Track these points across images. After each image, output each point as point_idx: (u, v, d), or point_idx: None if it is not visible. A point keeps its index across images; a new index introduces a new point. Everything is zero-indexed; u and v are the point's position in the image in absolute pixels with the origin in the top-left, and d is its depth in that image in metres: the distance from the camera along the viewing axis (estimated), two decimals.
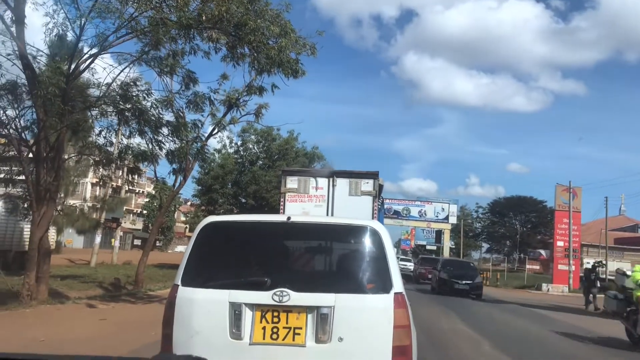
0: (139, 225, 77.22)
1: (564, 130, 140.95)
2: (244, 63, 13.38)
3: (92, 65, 12.26)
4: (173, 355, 3.25)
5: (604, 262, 47.84)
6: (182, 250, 49.37)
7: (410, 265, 50.41)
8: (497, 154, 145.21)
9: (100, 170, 17.60)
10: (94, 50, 11.94)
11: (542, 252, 65.92)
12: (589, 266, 25.40)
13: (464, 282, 24.82)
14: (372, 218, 12.12)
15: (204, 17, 11.38)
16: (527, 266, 51.03)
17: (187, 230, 64.31)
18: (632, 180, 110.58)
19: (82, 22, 11.25)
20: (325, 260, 4.48)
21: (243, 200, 33.72)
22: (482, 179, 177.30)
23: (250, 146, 34.84)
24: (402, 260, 52.24)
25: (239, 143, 34.64)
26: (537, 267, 56.36)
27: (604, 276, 44.60)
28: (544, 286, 36.26)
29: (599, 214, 54.59)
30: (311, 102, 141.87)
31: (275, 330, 3.56)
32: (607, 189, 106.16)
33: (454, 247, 72.73)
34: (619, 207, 71.33)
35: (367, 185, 13.22)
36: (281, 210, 13.52)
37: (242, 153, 34.93)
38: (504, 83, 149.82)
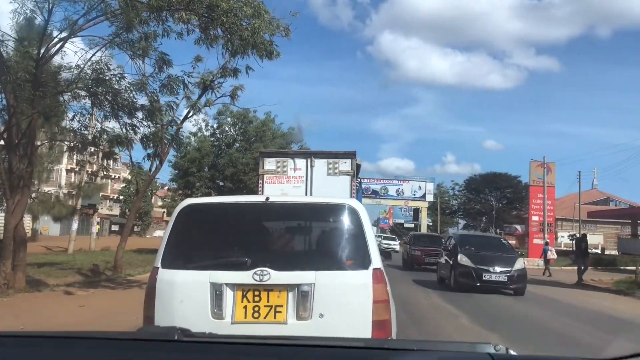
0: (116, 211, 76.44)
1: (539, 107, 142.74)
2: (217, 45, 13.24)
3: (63, 50, 12.03)
4: (157, 327, 3.31)
5: (578, 234, 49.08)
6: (160, 234, 49.11)
7: (395, 245, 49.29)
8: (473, 131, 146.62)
9: (75, 155, 17.36)
10: (64, 34, 11.71)
11: (518, 227, 67.25)
12: (578, 236, 24.09)
13: (499, 270, 15.48)
14: (351, 197, 12.18)
15: None
16: None
17: (165, 214, 63.90)
18: (604, 155, 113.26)
19: (50, 5, 11.01)
20: (305, 239, 4.54)
21: (221, 183, 33.58)
22: (458, 156, 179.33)
23: (227, 129, 34.61)
24: (385, 239, 51.27)
25: (215, 126, 34.39)
26: (514, 242, 57.40)
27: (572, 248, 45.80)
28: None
29: (572, 188, 55.88)
30: (288, 83, 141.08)
31: (256, 309, 3.63)
32: (580, 163, 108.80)
33: (431, 224, 73.66)
34: (592, 181, 72.94)
35: (345, 165, 13.31)
36: (259, 192, 13.54)
37: (218, 136, 34.67)
38: (479, 61, 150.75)
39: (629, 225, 53.72)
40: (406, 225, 75.11)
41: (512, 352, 1.49)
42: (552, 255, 28.09)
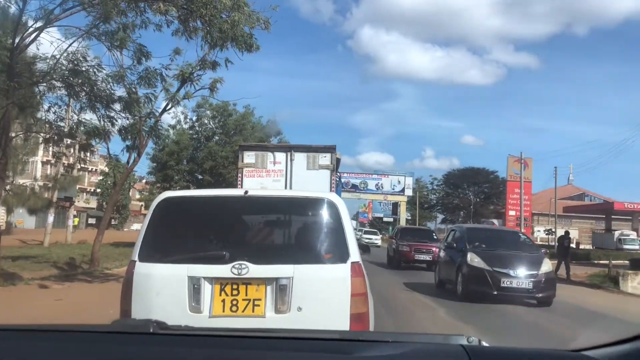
0: (93, 204, 75.54)
1: (517, 103, 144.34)
2: (196, 37, 13.14)
3: (38, 40, 11.82)
4: (133, 319, 3.30)
5: (554, 229, 49.88)
6: (138, 228, 48.52)
7: (377, 239, 48.62)
8: (452, 126, 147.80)
9: (51, 147, 17.09)
10: (39, 24, 11.50)
11: (495, 221, 67.90)
12: (562, 233, 24.25)
13: (522, 274, 11.93)
14: (330, 191, 12.19)
15: None
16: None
17: (143, 208, 63.29)
18: (580, 150, 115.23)
19: None
20: (284, 232, 4.55)
21: (199, 177, 33.32)
22: (437, 151, 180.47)
23: (206, 121, 34.30)
24: (366, 233, 50.51)
25: (194, 119, 34.08)
26: None
27: (554, 243, 46.54)
28: None
29: (548, 183, 56.67)
30: (268, 76, 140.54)
31: (234, 302, 3.64)
32: (556, 159, 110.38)
33: (410, 218, 74.14)
34: (568, 176, 74.04)
35: (325, 159, 13.32)
36: (239, 185, 13.46)
37: (197, 129, 34.37)
38: (458, 56, 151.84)
39: (603, 220, 54.84)
40: (385, 219, 75.64)
41: (485, 344, 1.53)
42: None
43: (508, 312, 11.07)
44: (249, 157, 13.68)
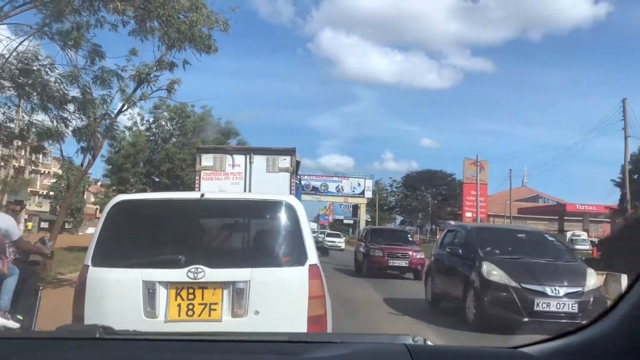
0: (46, 207, 73.29)
1: (473, 106, 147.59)
2: (153, 37, 12.95)
3: None
4: (79, 325, 3.22)
5: None
6: (93, 232, 47.10)
7: (341, 242, 46.22)
8: (411, 130, 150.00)
9: (0, 149, 16.52)
10: None
11: (453, 222, 69.31)
12: None
13: (563, 292, 8.42)
14: (290, 194, 12.20)
15: None
16: (438, 236, 53.27)
17: (98, 211, 61.74)
18: (534, 153, 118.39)
19: None
20: (241, 235, 4.54)
21: (156, 179, 32.80)
22: (396, 154, 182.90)
23: (163, 123, 33.82)
24: (329, 235, 47.81)
25: (151, 120, 33.56)
26: None
27: None
28: None
29: (504, 185, 58.08)
30: (227, 78, 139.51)
31: (190, 307, 3.60)
32: (511, 161, 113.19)
33: (370, 220, 74.80)
34: (522, 178, 76.04)
35: (285, 161, 13.27)
36: (196, 188, 13.28)
37: (154, 130, 33.86)
38: (417, 60, 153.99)
39: (556, 221, 56.53)
40: (346, 221, 76.08)
41: (430, 343, 1.56)
42: None
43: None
44: (207, 159, 13.51)
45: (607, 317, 1.22)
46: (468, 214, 40.46)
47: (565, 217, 51.87)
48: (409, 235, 22.07)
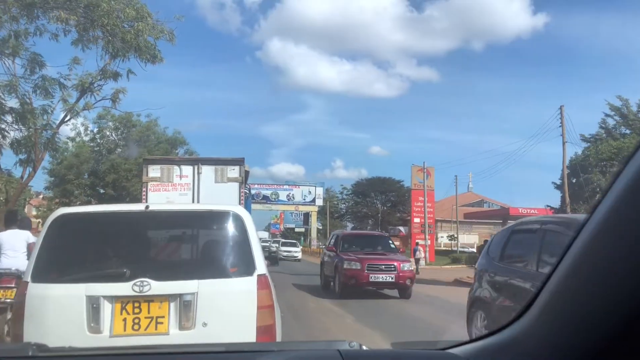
0: None
1: (420, 114, 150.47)
2: (97, 46, 12.69)
3: None
4: (10, 343, 3.13)
5: (456, 235, 52.37)
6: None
7: (297, 252, 42.70)
8: (360, 137, 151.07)
9: None
10: None
11: (402, 228, 70.30)
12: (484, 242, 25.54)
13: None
14: (239, 204, 12.11)
15: None
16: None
17: (40, 225, 59.46)
18: (478, 159, 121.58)
19: None
20: (189, 247, 4.49)
21: (102, 191, 31.99)
22: (346, 162, 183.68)
23: (108, 133, 33.10)
24: (284, 245, 44.10)
25: (96, 130, 32.74)
26: (398, 243, 59.53)
27: (456, 249, 48.84)
28: None
29: (450, 191, 59.31)
30: (175, 87, 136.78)
31: (136, 320, 3.54)
32: (457, 167, 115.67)
33: (321, 228, 75.12)
34: (468, 184, 77.97)
35: (234, 171, 13.14)
36: (143, 200, 12.75)
37: (98, 141, 33.06)
38: (365, 69, 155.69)
39: (500, 225, 58.19)
40: (297, 229, 76.00)
41: (365, 348, 1.63)
42: (420, 254, 30.15)
43: (412, 314, 11.37)
44: (154, 170, 13.23)
45: (527, 314, 1.22)
46: (416, 220, 41.08)
47: (509, 221, 53.44)
48: (390, 241, 17.24)
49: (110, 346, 2.56)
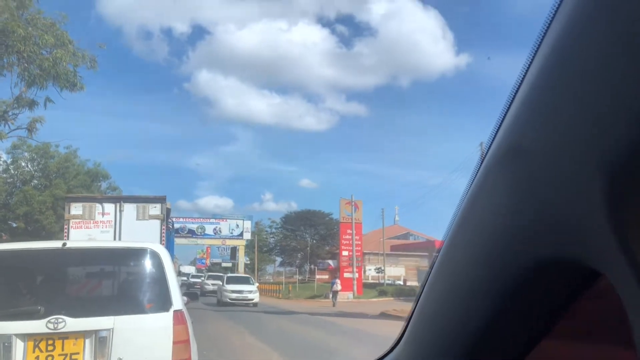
0: None
1: (349, 148, 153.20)
2: (12, 73, 12.05)
3: None
4: None
5: (383, 268, 53.04)
6: None
7: (252, 293, 27.43)
8: (289, 170, 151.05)
9: None
10: None
11: (330, 262, 70.57)
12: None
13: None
14: (161, 241, 12.28)
15: None
16: (317, 276, 54.06)
17: None
18: (404, 192, 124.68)
19: None
20: (106, 284, 4.58)
21: (14, 225, 30.17)
22: (276, 194, 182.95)
23: (23, 164, 31.41)
24: (231, 281, 29.86)
25: (10, 161, 30.99)
26: (327, 277, 59.80)
27: (383, 281, 49.43)
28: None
29: (377, 224, 60.41)
30: (98, 116, 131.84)
31: (50, 358, 3.54)
32: (384, 200, 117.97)
33: (249, 262, 73.95)
34: (394, 217, 79.59)
35: (155, 209, 13.39)
36: (65, 237, 12.93)
37: (12, 172, 31.25)
38: (295, 103, 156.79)
39: (426, 258, 59.63)
40: (224, 264, 74.29)
41: None
42: (337, 287, 32.04)
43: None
44: (75, 208, 13.38)
45: (400, 342, 1.20)
46: (345, 253, 41.31)
47: (434, 253, 54.76)
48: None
49: None
